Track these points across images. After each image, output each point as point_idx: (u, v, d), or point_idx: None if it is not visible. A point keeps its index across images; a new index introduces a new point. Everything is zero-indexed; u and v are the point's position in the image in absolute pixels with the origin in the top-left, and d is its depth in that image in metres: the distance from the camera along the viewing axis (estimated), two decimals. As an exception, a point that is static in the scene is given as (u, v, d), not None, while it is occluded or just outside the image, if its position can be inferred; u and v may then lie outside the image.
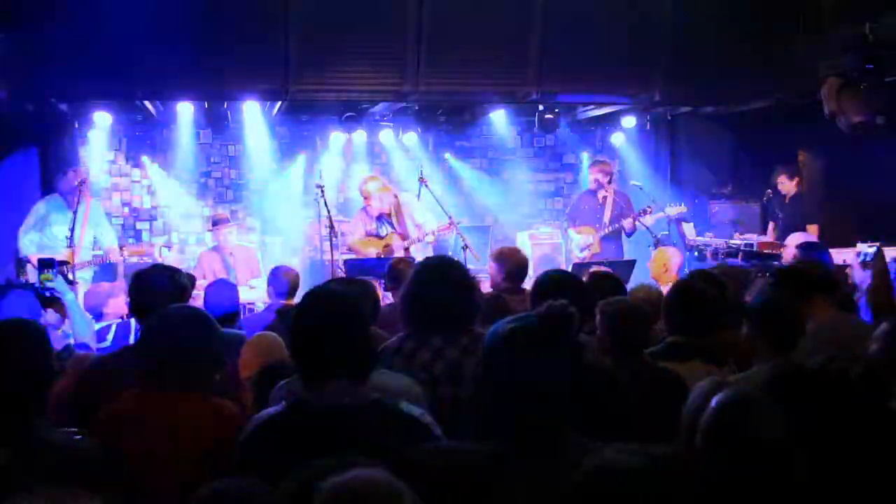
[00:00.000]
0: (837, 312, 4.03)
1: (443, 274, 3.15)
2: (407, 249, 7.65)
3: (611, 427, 2.28)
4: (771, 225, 8.47)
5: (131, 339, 4.61)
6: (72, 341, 4.29)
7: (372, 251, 7.69)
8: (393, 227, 7.78)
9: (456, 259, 3.57)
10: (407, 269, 5.42)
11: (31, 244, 7.24)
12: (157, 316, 2.76)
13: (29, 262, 7.07)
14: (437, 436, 2.24)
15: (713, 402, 2.16)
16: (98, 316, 5.04)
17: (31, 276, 6.84)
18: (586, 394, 2.08)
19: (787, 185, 8.37)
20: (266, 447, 2.18)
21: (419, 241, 7.63)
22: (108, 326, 4.96)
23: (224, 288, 4.96)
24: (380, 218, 7.80)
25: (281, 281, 5.45)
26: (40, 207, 7.43)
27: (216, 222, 7.84)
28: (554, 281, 3.25)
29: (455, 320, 3.07)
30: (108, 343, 4.74)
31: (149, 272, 3.58)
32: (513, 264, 4.98)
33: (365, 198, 7.79)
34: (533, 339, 1.97)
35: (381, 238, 7.79)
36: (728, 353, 3.57)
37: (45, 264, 4.81)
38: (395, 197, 7.75)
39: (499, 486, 1.91)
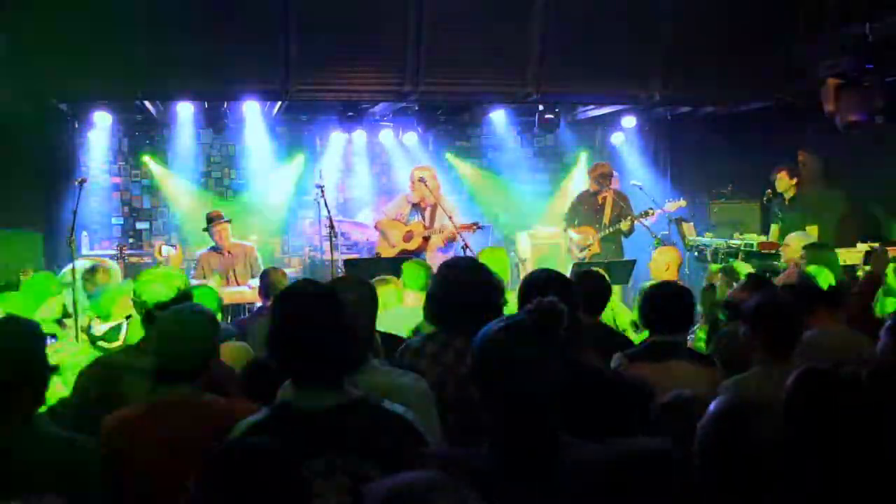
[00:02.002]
0: (838, 324, 4.03)
1: (469, 275, 3.16)
2: (426, 239, 7.66)
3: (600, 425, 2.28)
4: (773, 227, 8.42)
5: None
6: None
7: (395, 234, 7.73)
8: (424, 219, 7.81)
9: (478, 260, 3.56)
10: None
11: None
12: (167, 315, 2.76)
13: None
14: (420, 433, 2.22)
15: (711, 407, 2.15)
16: (107, 316, 5.01)
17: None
18: (577, 391, 2.07)
19: (785, 183, 8.33)
20: None
21: (438, 232, 7.64)
22: (119, 325, 4.93)
23: (204, 293, 4.96)
24: (416, 207, 7.81)
25: (262, 282, 5.50)
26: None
27: (210, 220, 7.84)
28: (541, 280, 3.25)
29: (479, 322, 3.06)
30: (119, 342, 4.71)
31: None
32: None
33: (412, 182, 7.77)
34: (523, 338, 1.97)
35: (406, 224, 7.82)
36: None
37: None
38: (442, 196, 7.73)
39: (495, 488, 1.90)
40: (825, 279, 4.57)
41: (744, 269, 5.45)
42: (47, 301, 5.09)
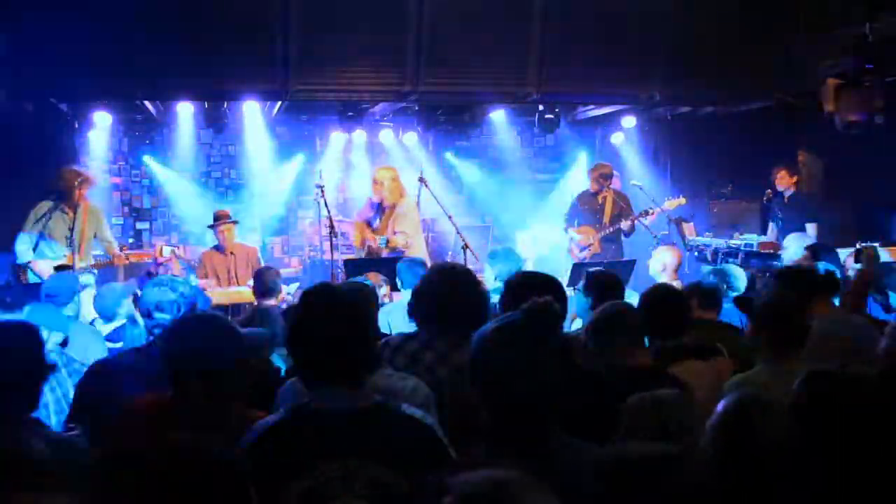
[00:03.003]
0: (839, 312, 4.03)
1: (457, 280, 3.18)
2: (371, 247, 7.59)
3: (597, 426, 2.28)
4: (771, 226, 8.44)
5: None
6: None
7: (357, 237, 7.69)
8: (381, 220, 7.74)
9: (467, 266, 3.59)
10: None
11: (27, 251, 7.01)
12: (180, 322, 2.74)
13: (29, 267, 6.99)
14: (439, 437, 2.22)
15: (720, 405, 2.15)
16: (111, 317, 5.00)
17: (32, 280, 6.82)
18: (573, 391, 2.07)
19: (785, 181, 8.34)
20: (269, 455, 2.14)
21: (385, 248, 7.54)
22: (124, 327, 4.91)
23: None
24: (379, 208, 7.72)
25: (256, 282, 5.52)
26: (41, 208, 7.22)
27: (217, 219, 7.85)
28: (528, 281, 3.26)
29: (462, 325, 3.08)
30: (124, 344, 4.70)
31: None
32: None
33: (373, 181, 7.71)
34: (518, 337, 1.96)
35: (368, 226, 7.77)
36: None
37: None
38: (401, 197, 7.60)
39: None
40: None
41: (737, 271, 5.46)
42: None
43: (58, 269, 6.78)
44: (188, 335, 2.58)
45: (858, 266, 5.03)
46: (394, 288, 5.42)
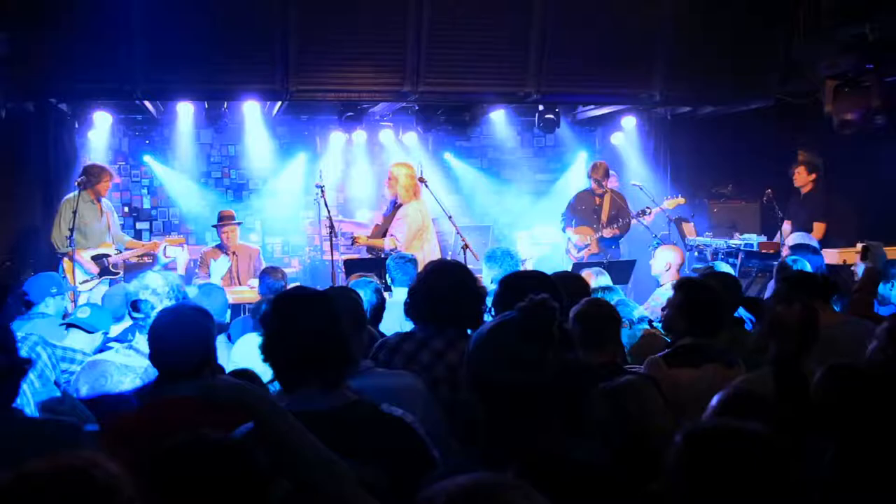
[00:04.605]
0: (836, 315, 4.03)
1: (453, 279, 3.18)
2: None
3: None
4: (786, 224, 8.24)
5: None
6: None
7: (366, 234, 7.71)
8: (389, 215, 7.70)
9: (466, 266, 3.58)
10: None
11: (64, 242, 7.10)
12: (159, 315, 2.78)
13: (73, 259, 7.01)
14: (421, 436, 2.22)
15: (714, 400, 2.15)
16: (119, 317, 4.99)
17: (80, 276, 7.06)
18: (573, 389, 2.07)
19: (802, 178, 8.24)
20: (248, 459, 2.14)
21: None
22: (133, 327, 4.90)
23: (213, 291, 4.96)
24: (394, 205, 7.65)
25: (263, 283, 5.51)
26: (74, 201, 7.17)
27: (221, 219, 7.86)
28: (522, 280, 3.26)
29: (458, 322, 3.09)
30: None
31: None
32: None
33: (387, 178, 7.63)
34: (515, 335, 1.96)
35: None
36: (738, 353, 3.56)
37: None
38: (410, 199, 7.46)
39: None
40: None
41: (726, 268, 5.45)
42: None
43: (95, 258, 7.31)
44: (161, 332, 2.62)
45: (865, 264, 5.00)
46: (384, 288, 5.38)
